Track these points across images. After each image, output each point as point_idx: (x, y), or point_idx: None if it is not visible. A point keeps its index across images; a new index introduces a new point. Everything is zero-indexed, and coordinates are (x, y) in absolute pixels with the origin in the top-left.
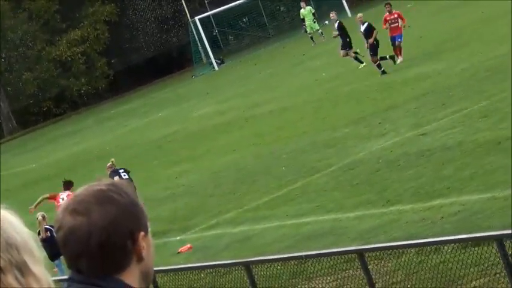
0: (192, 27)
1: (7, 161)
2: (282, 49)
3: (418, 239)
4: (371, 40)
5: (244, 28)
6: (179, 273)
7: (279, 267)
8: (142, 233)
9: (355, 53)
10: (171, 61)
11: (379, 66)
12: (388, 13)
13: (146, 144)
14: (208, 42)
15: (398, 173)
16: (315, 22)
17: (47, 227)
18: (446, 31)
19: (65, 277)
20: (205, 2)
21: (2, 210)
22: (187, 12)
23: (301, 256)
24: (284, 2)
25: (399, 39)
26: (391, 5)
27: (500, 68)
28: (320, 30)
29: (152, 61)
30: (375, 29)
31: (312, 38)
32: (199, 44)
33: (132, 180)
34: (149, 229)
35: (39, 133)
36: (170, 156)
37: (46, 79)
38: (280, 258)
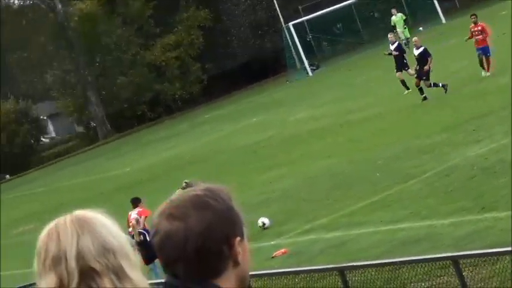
0: (286, 33)
1: (101, 164)
2: (377, 55)
3: None
4: (426, 67)
5: (338, 34)
6: (273, 277)
7: (373, 273)
8: (238, 238)
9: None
10: (265, 66)
11: (421, 90)
12: (473, 24)
13: (240, 149)
14: (302, 48)
15: (494, 180)
16: (405, 28)
17: (141, 230)
18: None
19: (161, 281)
20: (300, 8)
21: (98, 215)
22: (281, 18)
23: (395, 262)
24: (378, 8)
25: (488, 54)
26: (476, 16)
27: None
28: (409, 39)
29: (246, 66)
30: (430, 55)
31: (404, 44)
32: (293, 50)
33: None
34: (245, 234)
35: (133, 137)
36: (264, 161)
37: (140, 83)
38: (375, 264)
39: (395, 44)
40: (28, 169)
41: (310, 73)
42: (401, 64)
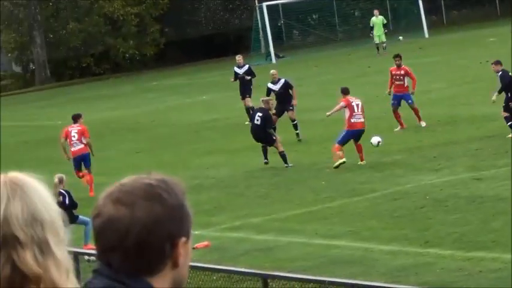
0: (258, 12)
1: (32, 111)
2: (348, 56)
3: None
4: (294, 101)
5: (312, 25)
6: (190, 270)
7: (296, 286)
8: (183, 239)
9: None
10: (227, 43)
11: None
12: (396, 66)
13: (183, 126)
14: (271, 32)
15: (444, 215)
16: (384, 33)
17: (62, 191)
18: None
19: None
20: None
21: (34, 181)
22: None
23: (323, 281)
24: (360, 7)
25: (410, 101)
26: (401, 58)
27: None
28: (385, 44)
29: (208, 39)
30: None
31: (378, 48)
32: (261, 32)
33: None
34: (191, 236)
35: (72, 89)
36: (205, 144)
37: (92, 34)
38: (301, 278)
39: (245, 68)
40: None
41: (273, 60)
42: (248, 89)
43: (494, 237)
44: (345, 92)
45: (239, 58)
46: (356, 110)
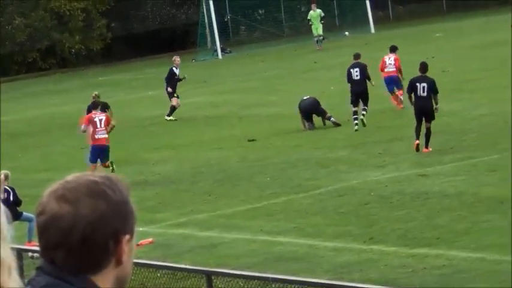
0: (204, 7)
1: None
2: (294, 51)
3: (394, 285)
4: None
5: (258, 21)
6: (134, 267)
7: (241, 284)
8: (127, 237)
9: None
10: (173, 39)
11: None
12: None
13: (129, 121)
14: (217, 27)
15: (389, 211)
16: (322, 24)
17: (6, 187)
18: (472, 70)
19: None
20: None
21: None
22: None
23: (267, 278)
24: (305, 2)
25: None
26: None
27: None
28: (322, 37)
29: (154, 34)
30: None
31: (317, 41)
32: (207, 28)
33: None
34: (135, 234)
35: (18, 84)
36: (151, 140)
37: (39, 29)
38: (245, 275)
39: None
40: None
41: (220, 56)
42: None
43: (438, 234)
44: (103, 107)
45: (178, 59)
46: (99, 126)
